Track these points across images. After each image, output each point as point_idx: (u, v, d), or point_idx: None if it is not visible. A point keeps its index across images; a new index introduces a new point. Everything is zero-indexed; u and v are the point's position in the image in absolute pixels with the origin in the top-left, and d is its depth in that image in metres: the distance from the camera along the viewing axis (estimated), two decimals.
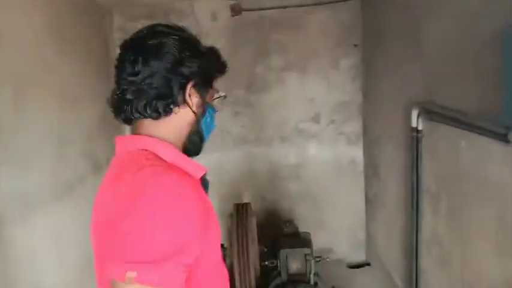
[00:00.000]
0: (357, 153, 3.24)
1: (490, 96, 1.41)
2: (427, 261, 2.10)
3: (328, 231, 3.29)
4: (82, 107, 2.24)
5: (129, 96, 0.91)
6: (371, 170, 3.08)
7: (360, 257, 3.37)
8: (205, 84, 0.99)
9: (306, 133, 3.22)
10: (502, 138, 1.30)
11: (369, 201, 3.20)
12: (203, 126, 1.01)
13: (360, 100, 3.14)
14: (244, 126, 3.20)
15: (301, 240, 2.48)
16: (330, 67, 3.12)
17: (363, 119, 3.16)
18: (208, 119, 1.03)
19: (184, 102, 0.94)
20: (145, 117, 0.92)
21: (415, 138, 2.08)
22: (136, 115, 0.92)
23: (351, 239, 3.37)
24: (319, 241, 2.91)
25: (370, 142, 3.05)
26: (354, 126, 3.21)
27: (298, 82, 3.15)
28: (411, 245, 2.22)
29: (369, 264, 3.27)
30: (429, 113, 1.92)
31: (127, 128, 1.02)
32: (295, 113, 3.20)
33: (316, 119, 3.20)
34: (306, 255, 2.37)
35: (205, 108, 1.00)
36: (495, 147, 1.38)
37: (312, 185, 3.27)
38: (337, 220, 3.33)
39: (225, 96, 1.08)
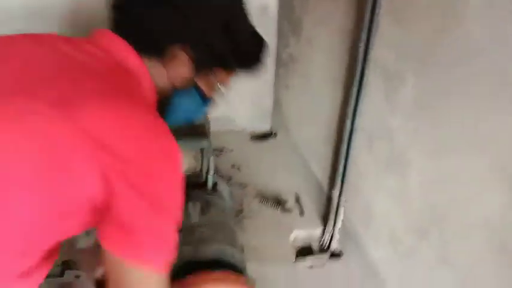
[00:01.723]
0: None
1: None
2: (361, 155, 1.63)
3: (229, 97, 2.66)
4: None
5: None
6: (288, 24, 2.36)
7: (264, 126, 2.90)
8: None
9: None
10: None
11: (282, 64, 2.56)
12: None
13: None
14: None
15: (194, 128, 1.64)
16: None
17: None
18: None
19: None
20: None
21: None
22: None
23: (256, 107, 2.82)
24: (217, 109, 2.26)
25: None
26: None
27: None
28: (341, 131, 1.72)
29: (275, 135, 2.83)
30: None
31: None
32: None
33: None
34: (202, 149, 1.65)
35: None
36: None
37: None
38: (239, 84, 2.68)
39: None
